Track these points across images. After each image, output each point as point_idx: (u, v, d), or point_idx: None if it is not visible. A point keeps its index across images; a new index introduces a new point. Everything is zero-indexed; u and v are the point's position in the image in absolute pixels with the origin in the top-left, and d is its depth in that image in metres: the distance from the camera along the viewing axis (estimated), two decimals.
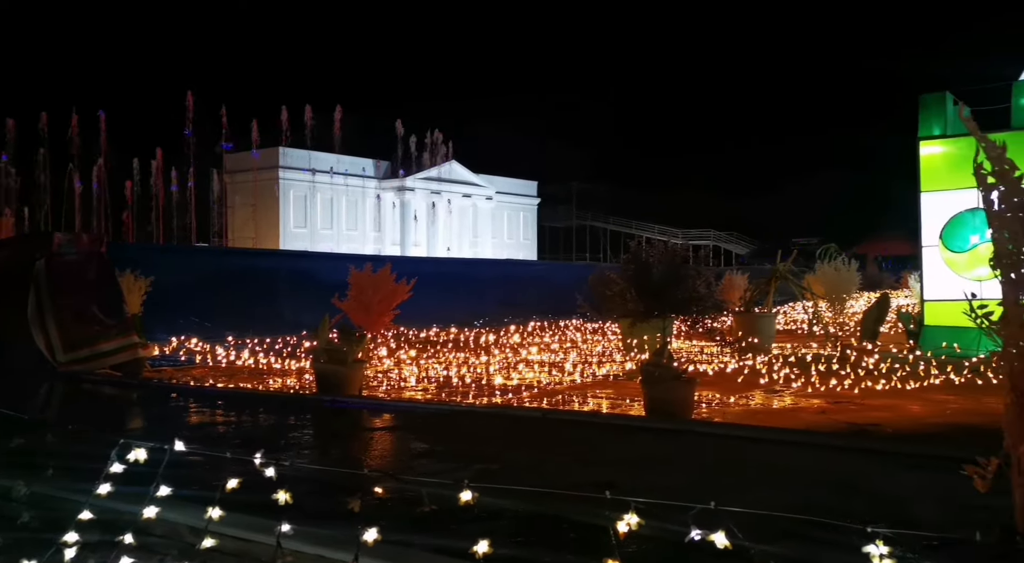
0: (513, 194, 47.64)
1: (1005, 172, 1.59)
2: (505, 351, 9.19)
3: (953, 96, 8.98)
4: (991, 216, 1.71)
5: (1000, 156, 1.61)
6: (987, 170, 1.72)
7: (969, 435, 4.65)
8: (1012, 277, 1.60)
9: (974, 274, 8.11)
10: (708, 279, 6.25)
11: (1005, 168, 1.61)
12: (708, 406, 5.84)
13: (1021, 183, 1.62)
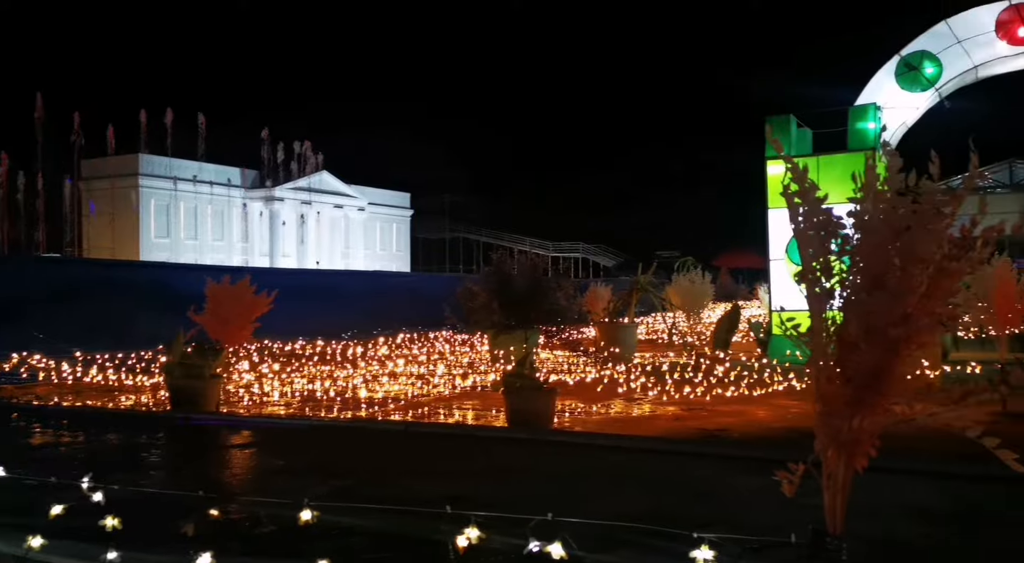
0: (386, 205, 47.25)
1: (806, 192, 1.72)
2: (372, 364, 9.10)
3: (797, 119, 9.54)
4: (796, 234, 1.84)
5: (802, 177, 1.74)
6: (793, 190, 1.85)
7: (808, 438, 4.92)
8: (816, 291, 1.72)
9: None
10: (568, 291, 6.39)
11: (806, 188, 1.73)
12: (571, 415, 5.96)
13: (820, 203, 1.75)
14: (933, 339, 1.59)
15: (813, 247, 1.71)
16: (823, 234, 1.72)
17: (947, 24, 9.36)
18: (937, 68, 9.36)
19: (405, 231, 48.69)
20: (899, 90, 9.44)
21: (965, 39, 9.32)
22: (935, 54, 9.36)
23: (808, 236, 1.73)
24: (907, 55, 9.41)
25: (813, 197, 1.69)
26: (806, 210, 1.70)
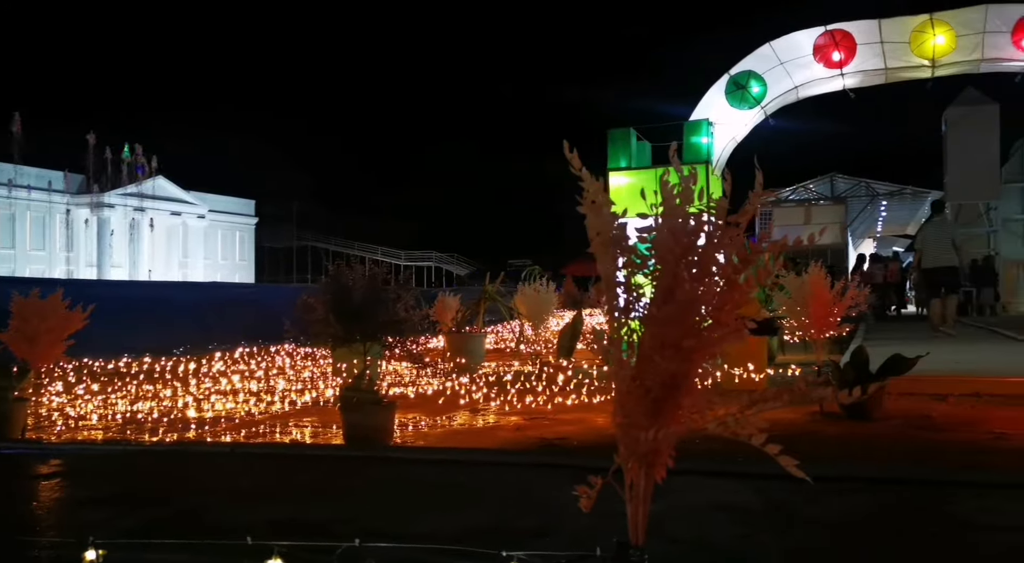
0: (228, 213, 45.38)
1: (599, 207, 1.70)
2: (205, 381, 8.65)
3: (637, 132, 9.84)
4: (593, 248, 1.83)
5: (596, 190, 1.72)
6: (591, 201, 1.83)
7: None
8: (613, 304, 1.71)
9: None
10: (409, 301, 6.26)
11: (599, 203, 1.72)
12: (413, 429, 5.84)
13: (615, 218, 1.74)
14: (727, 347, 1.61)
15: (606, 261, 1.70)
16: (617, 249, 1.70)
17: (771, 46, 9.92)
18: (763, 87, 9.90)
19: (249, 240, 46.96)
20: (729, 107, 9.91)
21: (787, 61, 9.90)
22: (760, 74, 9.90)
23: (602, 250, 1.71)
24: (735, 74, 9.90)
25: (607, 211, 1.67)
26: (598, 224, 1.68)
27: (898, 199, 31.85)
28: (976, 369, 7.92)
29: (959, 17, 9.49)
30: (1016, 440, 4.78)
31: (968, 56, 9.60)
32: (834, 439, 5.07)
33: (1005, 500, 3.35)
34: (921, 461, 4.36)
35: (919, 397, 6.42)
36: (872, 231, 36.10)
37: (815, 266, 5.88)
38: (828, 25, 9.78)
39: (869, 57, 9.73)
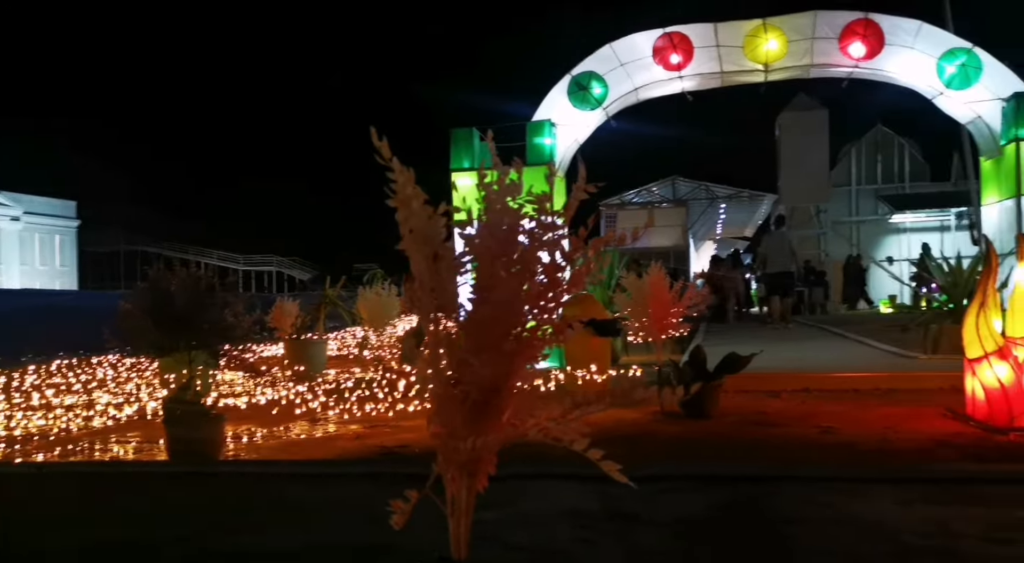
0: (47, 215, 42.14)
1: (407, 201, 1.50)
2: (15, 396, 7.87)
3: (479, 132, 9.71)
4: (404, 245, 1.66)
5: (406, 181, 1.51)
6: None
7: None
8: (426, 305, 1.51)
9: None
10: (237, 307, 5.86)
11: (412, 208, 1.52)
12: (248, 441, 5.46)
13: (426, 212, 1.55)
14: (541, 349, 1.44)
15: (419, 260, 1.50)
16: (429, 246, 1.51)
17: (611, 47, 10.02)
18: (604, 88, 9.98)
19: (71, 244, 43.83)
20: (571, 108, 9.93)
21: (627, 62, 10.02)
22: (602, 75, 9.97)
23: (413, 248, 1.51)
24: (577, 75, 9.94)
25: (417, 205, 1.47)
26: (409, 219, 1.48)
27: (736, 202, 33.38)
28: (806, 365, 8.26)
29: (790, 23, 9.88)
30: (841, 434, 4.94)
31: (799, 61, 10.02)
32: (674, 437, 5.09)
33: (827, 493, 3.41)
34: (755, 457, 4.42)
35: (754, 394, 6.59)
36: (712, 233, 37.71)
37: (655, 267, 5.90)
38: (666, 28, 9.97)
39: (706, 60, 10.00)
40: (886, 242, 28.89)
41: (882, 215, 29.15)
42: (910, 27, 9.53)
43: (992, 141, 9.64)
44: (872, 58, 9.66)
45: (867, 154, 29.83)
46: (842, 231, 29.52)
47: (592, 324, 7.23)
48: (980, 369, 4.94)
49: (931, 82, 9.70)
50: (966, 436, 4.71)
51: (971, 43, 9.51)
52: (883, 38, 9.55)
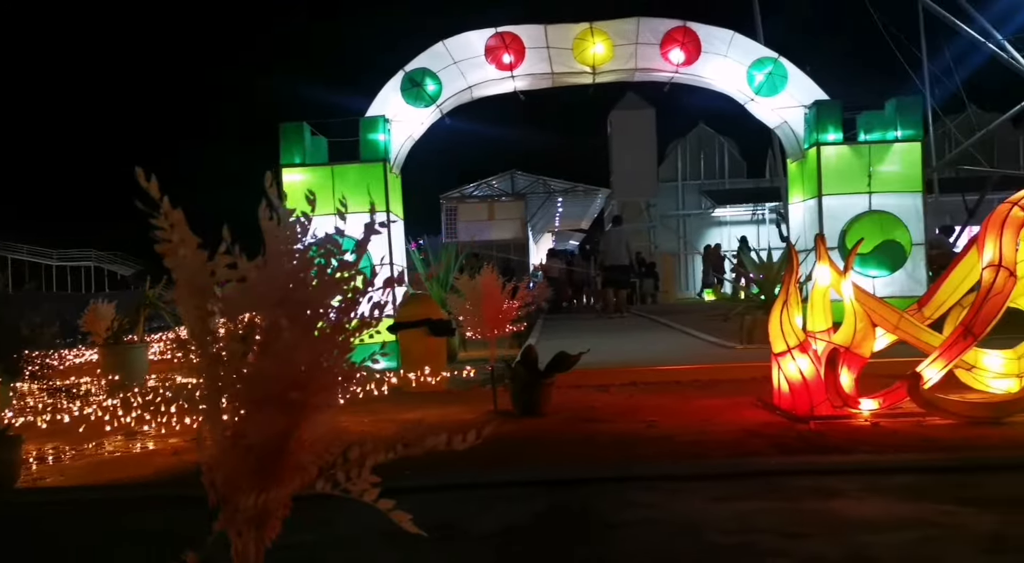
0: None
1: (174, 248, 1.40)
2: None
3: (311, 126, 9.45)
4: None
5: (175, 223, 1.41)
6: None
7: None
8: (201, 354, 1.42)
9: None
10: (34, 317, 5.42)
11: (173, 243, 1.42)
12: (54, 462, 5.05)
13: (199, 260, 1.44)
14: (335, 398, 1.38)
15: (190, 311, 1.40)
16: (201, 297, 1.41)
17: (444, 45, 9.99)
18: (438, 86, 9.94)
19: None
20: (405, 104, 9.84)
21: (460, 60, 10.03)
22: (435, 72, 9.93)
23: (185, 298, 1.41)
24: (411, 71, 9.85)
25: (186, 254, 1.37)
26: (179, 269, 1.38)
27: (572, 196, 34.26)
28: (634, 359, 8.56)
29: (615, 27, 10.18)
30: (664, 428, 5.15)
31: (624, 65, 10.35)
32: (507, 437, 5.13)
33: (648, 492, 3.53)
34: (585, 455, 4.53)
35: (585, 389, 6.78)
36: (550, 226, 38.55)
37: (487, 267, 5.94)
38: (498, 27, 10.05)
39: (537, 61, 10.15)
40: (710, 234, 30.46)
41: (706, 209, 30.72)
42: (724, 36, 10.05)
43: (797, 145, 10.33)
44: (691, 64, 10.12)
45: (691, 151, 31.34)
46: (670, 224, 30.90)
47: (427, 324, 7.22)
48: (784, 362, 5.28)
49: (743, 88, 10.27)
50: (774, 426, 5.02)
51: (777, 53, 10.15)
52: (700, 45, 10.02)
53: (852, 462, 3.92)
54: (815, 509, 3.16)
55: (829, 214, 9.73)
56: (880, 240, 9.51)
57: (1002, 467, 3.74)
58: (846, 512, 3.11)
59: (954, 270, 5.51)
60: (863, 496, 3.29)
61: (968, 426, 4.70)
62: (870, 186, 9.65)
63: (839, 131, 9.82)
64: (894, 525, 2.88)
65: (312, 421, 1.34)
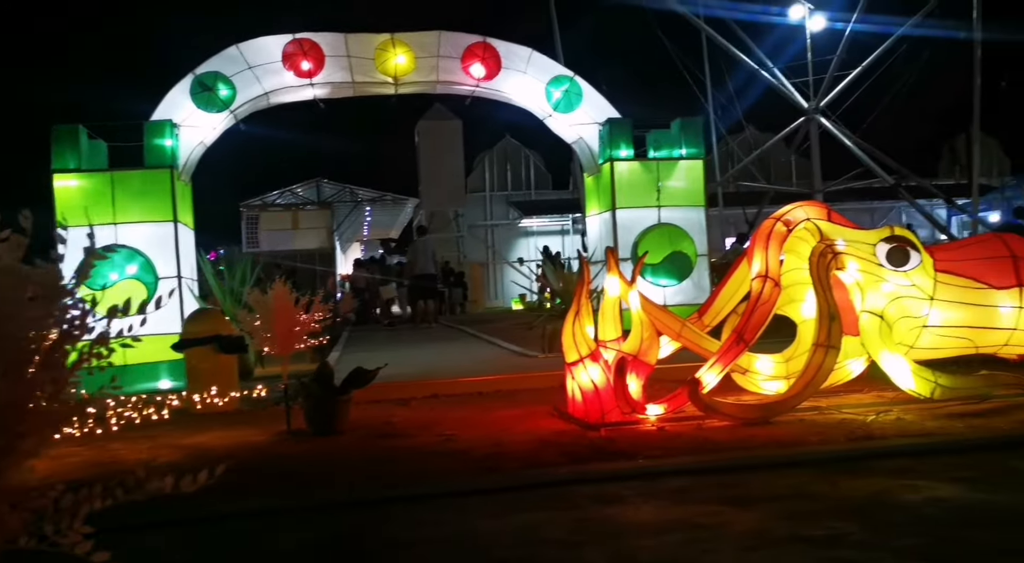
0: None
1: None
2: None
3: (88, 130, 8.79)
4: None
5: None
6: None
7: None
8: None
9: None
10: None
11: None
12: None
13: None
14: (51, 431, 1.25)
15: None
16: None
17: (238, 49, 9.60)
18: (231, 91, 9.53)
19: None
20: (195, 109, 9.36)
21: (256, 66, 9.67)
22: (229, 77, 9.52)
23: None
24: (201, 75, 9.39)
25: None
26: None
27: (381, 205, 33.94)
28: (436, 371, 8.55)
29: (417, 40, 10.19)
30: (461, 441, 5.15)
31: (427, 77, 10.37)
32: (299, 458, 4.96)
33: (439, 510, 3.51)
34: (379, 474, 4.43)
35: (386, 403, 6.68)
36: (359, 235, 37.98)
37: (279, 282, 5.73)
38: (297, 34, 9.79)
39: (337, 69, 9.97)
40: (518, 244, 31.15)
41: (513, 219, 31.40)
42: (523, 53, 10.32)
43: (592, 160, 10.76)
44: (491, 79, 10.30)
45: (498, 163, 31.96)
46: (478, 234, 31.32)
47: (216, 340, 6.86)
48: (577, 371, 5.44)
49: (542, 105, 10.58)
50: (567, 435, 5.14)
51: (573, 72, 10.54)
52: (500, 61, 10.22)
53: (630, 468, 4.07)
54: (596, 517, 3.26)
55: (622, 226, 10.18)
56: (669, 251, 10.07)
57: (764, 465, 4.01)
58: (623, 518, 3.22)
59: (729, 281, 5.91)
60: (640, 501, 3.42)
61: (742, 427, 5.00)
62: (659, 200, 10.20)
63: (630, 148, 10.31)
64: (664, 528, 3.02)
65: (13, 467, 1.19)
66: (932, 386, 5.38)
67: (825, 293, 5.34)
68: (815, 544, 2.73)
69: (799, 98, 21.09)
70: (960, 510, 3.07)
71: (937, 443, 4.33)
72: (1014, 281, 5.65)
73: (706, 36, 20.93)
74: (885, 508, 3.15)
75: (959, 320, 5.60)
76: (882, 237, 5.66)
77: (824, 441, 4.50)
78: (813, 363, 5.24)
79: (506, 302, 28.50)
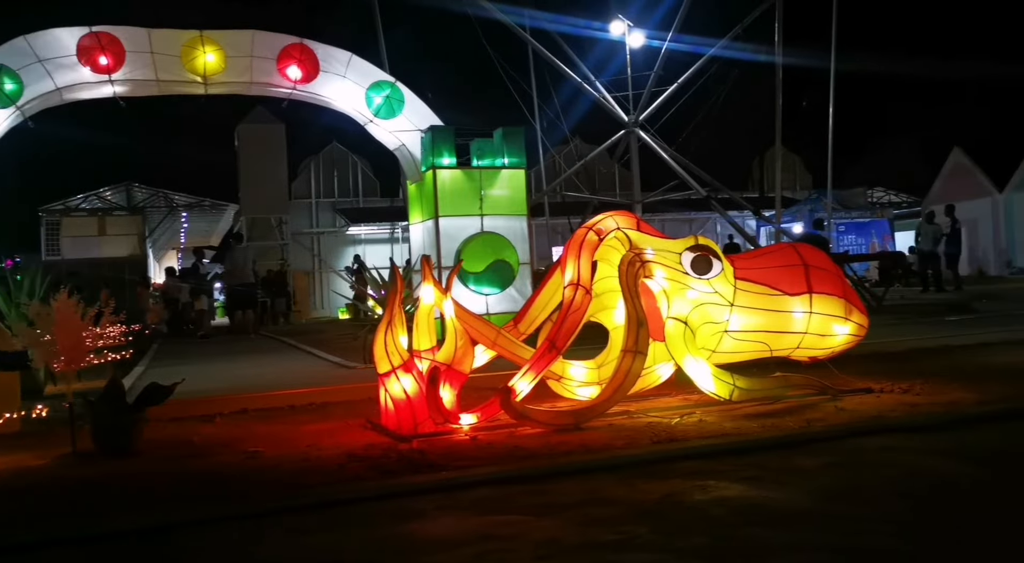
0: None
1: None
2: None
3: None
4: None
5: None
6: None
7: None
8: None
9: None
10: None
11: None
12: None
13: None
14: None
15: None
16: None
17: (26, 40, 8.85)
18: (18, 85, 8.76)
19: None
20: None
21: (47, 59, 8.95)
22: (15, 70, 8.75)
23: None
24: None
25: None
26: None
27: (198, 211, 32.47)
28: (248, 384, 8.20)
29: (228, 38, 9.77)
30: (266, 457, 4.90)
31: (240, 78, 9.96)
32: (85, 483, 4.56)
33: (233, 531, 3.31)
34: (172, 497, 4.13)
35: (189, 421, 6.29)
36: (176, 242, 36.15)
37: (63, 293, 5.27)
38: (94, 27, 9.13)
39: (140, 66, 9.38)
40: (346, 253, 30.57)
41: (340, 227, 30.82)
42: (342, 57, 10.11)
43: (415, 167, 10.69)
44: (309, 82, 10.03)
45: (324, 169, 31.29)
46: (304, 242, 30.53)
47: None
48: (389, 383, 5.32)
49: (362, 110, 10.41)
50: (378, 447, 4.99)
51: (395, 78, 10.44)
52: (318, 64, 9.97)
53: (433, 481, 3.97)
54: (395, 533, 3.15)
55: (446, 234, 10.16)
56: (491, 260, 10.13)
57: (567, 472, 4.03)
58: (421, 533, 3.14)
59: (543, 289, 5.96)
60: (440, 514, 3.35)
61: (554, 433, 5.04)
62: (482, 209, 10.25)
63: (453, 155, 10.31)
64: (460, 541, 2.95)
65: None
66: (731, 388, 5.63)
67: (633, 300, 5.48)
68: (605, 549, 2.75)
69: (620, 112, 21.90)
70: (744, 509, 3.19)
71: (731, 443, 4.51)
72: (805, 288, 6.00)
73: (532, 48, 21.34)
74: (676, 509, 3.22)
75: (756, 325, 5.89)
76: (687, 246, 5.87)
77: (630, 445, 4.60)
78: (622, 368, 5.36)
79: (332, 312, 27.90)
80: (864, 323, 6.01)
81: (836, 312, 5.92)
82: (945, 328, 10.48)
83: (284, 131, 26.74)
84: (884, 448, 4.20)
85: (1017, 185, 29.82)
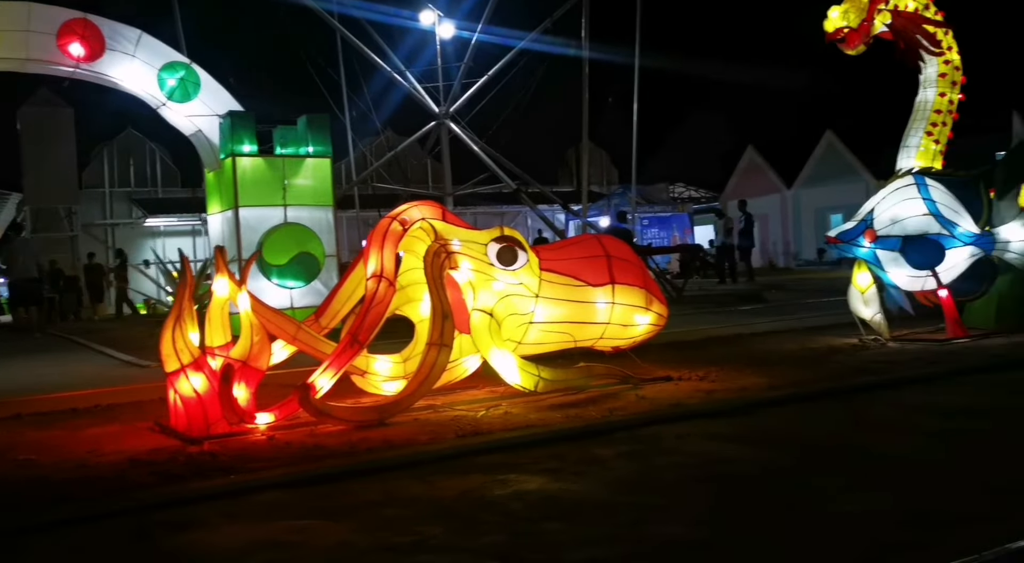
0: None
1: None
2: None
3: None
4: None
5: None
6: None
7: None
8: None
9: None
10: None
11: None
12: None
13: None
14: None
15: None
16: None
17: None
18: None
19: None
20: None
21: None
22: None
23: None
24: None
25: None
26: None
27: None
28: (24, 386, 7.51)
29: (1, 9, 8.86)
30: (40, 465, 4.47)
31: (14, 54, 9.06)
32: None
33: None
34: None
35: None
36: None
37: None
38: None
39: None
40: (144, 245, 28.67)
41: (137, 218, 28.90)
42: (131, 35, 9.41)
43: (213, 154, 10.12)
44: (94, 61, 9.26)
45: (119, 157, 29.20)
46: (97, 234, 28.37)
47: None
48: (179, 382, 4.97)
49: (154, 92, 9.73)
50: (165, 451, 4.66)
51: (190, 60, 9.83)
52: (104, 42, 9.23)
53: (218, 486, 3.72)
54: (170, 546, 2.92)
55: (247, 226, 9.68)
56: (296, 252, 9.76)
57: (363, 471, 3.90)
58: (201, 544, 2.92)
59: (346, 281, 5.77)
60: (224, 523, 3.13)
61: (356, 430, 4.89)
62: (285, 199, 9.85)
63: (254, 143, 9.83)
64: (244, 551, 2.77)
65: None
66: (536, 380, 5.68)
67: (439, 292, 5.41)
68: (399, 552, 2.65)
69: (431, 103, 21.80)
70: (542, 502, 3.19)
71: (533, 435, 4.54)
72: (607, 278, 6.15)
73: (340, 36, 20.79)
74: (474, 506, 3.18)
75: (561, 316, 5.97)
76: (493, 237, 5.86)
77: (434, 439, 4.53)
78: (427, 362, 5.28)
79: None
80: (664, 313, 6.23)
81: (638, 302, 6.11)
82: (738, 317, 11.15)
83: (72, 115, 24.67)
84: (681, 435, 4.34)
85: (804, 182, 32.47)
